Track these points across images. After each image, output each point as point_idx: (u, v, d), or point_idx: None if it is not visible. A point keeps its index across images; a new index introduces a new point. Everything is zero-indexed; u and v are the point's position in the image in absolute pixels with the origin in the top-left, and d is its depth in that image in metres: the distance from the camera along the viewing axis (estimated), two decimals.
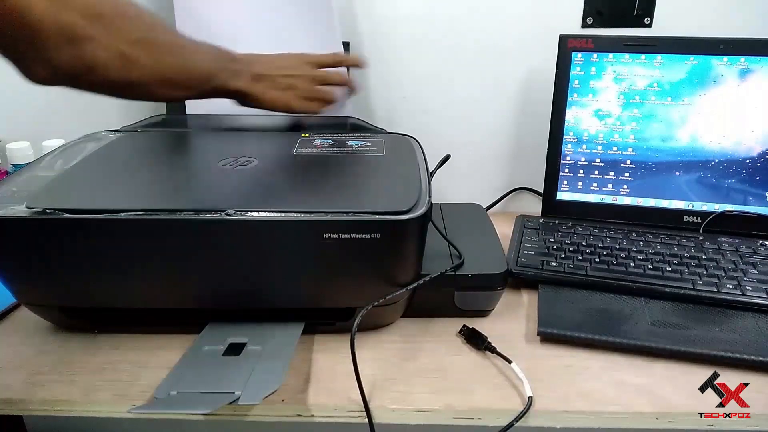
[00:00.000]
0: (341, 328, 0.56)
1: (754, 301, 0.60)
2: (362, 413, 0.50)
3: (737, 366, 0.53)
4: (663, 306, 0.61)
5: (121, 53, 0.46)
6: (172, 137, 0.70)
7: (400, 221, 0.49)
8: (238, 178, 0.56)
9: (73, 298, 0.56)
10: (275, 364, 0.51)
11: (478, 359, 0.56)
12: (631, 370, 0.54)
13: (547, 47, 0.75)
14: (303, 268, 0.52)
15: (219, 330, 0.56)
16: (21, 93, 0.85)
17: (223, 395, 0.47)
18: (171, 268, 0.52)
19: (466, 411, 0.50)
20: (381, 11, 0.80)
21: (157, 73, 0.51)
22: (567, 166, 0.76)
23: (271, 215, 0.49)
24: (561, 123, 0.75)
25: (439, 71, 0.84)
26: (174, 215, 0.49)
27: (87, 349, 0.57)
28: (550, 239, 0.71)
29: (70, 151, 0.64)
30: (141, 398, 0.50)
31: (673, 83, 0.71)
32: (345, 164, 0.62)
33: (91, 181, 0.57)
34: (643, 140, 0.73)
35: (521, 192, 0.90)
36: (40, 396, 0.51)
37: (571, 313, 0.60)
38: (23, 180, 0.57)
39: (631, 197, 0.76)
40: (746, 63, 0.69)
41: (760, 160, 0.71)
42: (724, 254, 0.67)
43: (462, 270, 0.59)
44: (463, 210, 0.75)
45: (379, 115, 0.85)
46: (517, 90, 0.84)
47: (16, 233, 0.50)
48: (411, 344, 0.58)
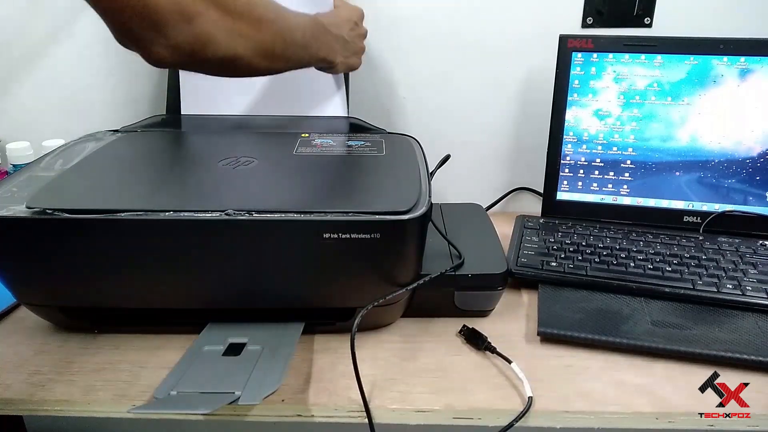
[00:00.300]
0: (341, 328, 0.56)
1: (754, 301, 0.60)
2: (362, 413, 0.50)
3: (737, 366, 0.53)
4: (663, 306, 0.61)
5: (228, 27, 0.47)
6: (172, 137, 0.70)
7: (400, 221, 0.49)
8: (238, 178, 0.56)
9: (73, 298, 0.56)
10: (275, 364, 0.51)
11: (478, 359, 0.56)
12: (631, 370, 0.54)
13: (547, 47, 0.75)
14: (303, 268, 0.52)
15: (219, 330, 0.56)
16: (21, 93, 0.86)
17: (223, 395, 0.47)
18: (171, 268, 0.52)
19: (466, 411, 0.50)
20: (381, 11, 0.80)
21: (259, 46, 0.51)
22: (567, 166, 0.76)
23: (271, 215, 0.49)
24: (561, 123, 0.75)
25: (439, 71, 0.84)
26: (174, 215, 0.49)
27: (87, 349, 0.57)
28: (550, 239, 0.71)
29: (70, 151, 0.64)
30: (141, 398, 0.50)
31: (673, 83, 0.71)
32: (345, 164, 0.62)
33: (91, 181, 0.57)
34: (643, 140, 0.73)
35: (521, 192, 0.90)
36: (40, 396, 0.51)
37: (571, 313, 0.60)
38: (23, 180, 0.57)
39: (631, 197, 0.76)
40: (746, 63, 0.69)
41: (760, 160, 0.71)
42: (724, 254, 0.67)
43: (462, 270, 0.59)
44: (463, 210, 0.75)
45: (379, 115, 0.85)
46: (517, 90, 0.84)
47: (16, 233, 0.50)
48: (411, 344, 0.58)
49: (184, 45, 0.45)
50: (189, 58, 0.46)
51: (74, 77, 0.84)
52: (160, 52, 0.45)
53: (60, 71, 0.84)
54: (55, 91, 0.86)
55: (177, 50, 0.45)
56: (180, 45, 0.45)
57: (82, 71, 0.84)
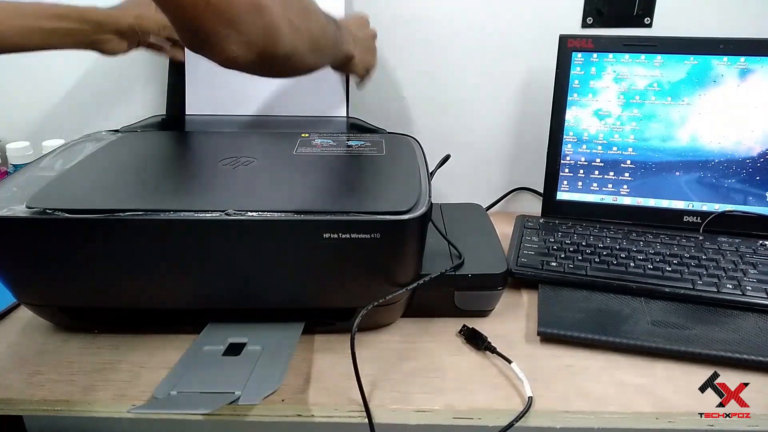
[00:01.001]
0: (341, 328, 0.56)
1: (754, 301, 0.60)
2: (362, 413, 0.49)
3: (737, 366, 0.53)
4: (663, 306, 0.61)
5: (289, 20, 0.46)
6: (172, 137, 0.70)
7: (400, 221, 0.49)
8: (238, 178, 0.56)
9: (73, 298, 0.56)
10: (275, 364, 0.51)
11: (478, 359, 0.56)
12: (631, 370, 0.54)
13: (547, 47, 0.75)
14: (303, 268, 0.52)
15: (219, 330, 0.56)
16: (21, 93, 0.86)
17: (223, 395, 0.47)
18: (171, 268, 0.52)
19: (466, 411, 0.50)
20: (381, 11, 0.80)
21: (310, 39, 0.50)
22: (567, 166, 0.76)
23: (271, 215, 0.49)
24: (561, 123, 0.75)
25: (439, 71, 0.84)
26: (174, 215, 0.49)
27: (87, 349, 0.57)
28: (550, 239, 0.71)
29: (70, 151, 0.64)
30: (141, 398, 0.50)
31: (673, 83, 0.71)
32: (345, 164, 0.62)
33: (91, 181, 0.57)
34: (643, 140, 0.73)
35: (521, 192, 0.90)
36: (40, 396, 0.51)
37: (571, 313, 0.60)
38: (23, 180, 0.57)
39: (631, 197, 0.76)
40: (746, 63, 0.69)
41: (760, 160, 0.71)
42: (724, 254, 0.67)
43: (462, 270, 0.59)
44: (463, 210, 0.75)
45: (379, 115, 0.85)
46: (517, 90, 0.84)
47: (16, 233, 0.50)
48: (411, 344, 0.58)
49: (256, 40, 0.43)
50: (259, 57, 0.45)
51: (74, 77, 0.84)
52: (234, 49, 0.43)
53: (60, 71, 0.84)
54: (55, 91, 0.86)
55: (250, 47, 0.43)
56: (252, 40, 0.43)
57: (82, 71, 0.84)
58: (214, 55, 0.44)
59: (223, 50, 0.43)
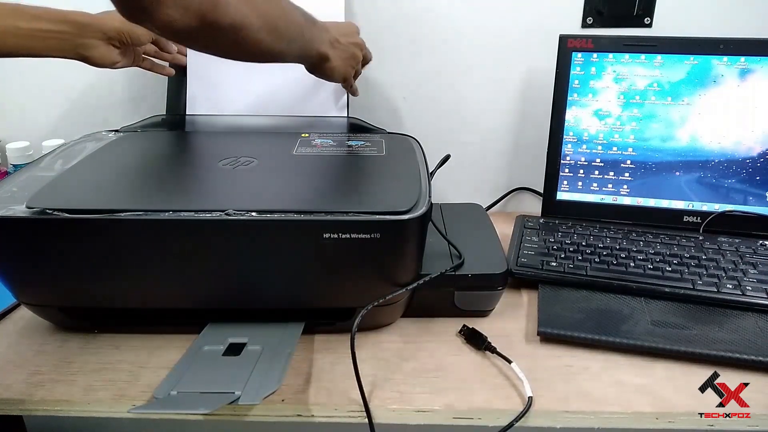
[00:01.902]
0: (341, 328, 0.56)
1: (754, 301, 0.60)
2: (362, 413, 0.50)
3: (737, 366, 0.53)
4: (663, 306, 0.61)
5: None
6: (172, 137, 0.70)
7: (400, 221, 0.49)
8: (238, 178, 0.56)
9: (73, 298, 0.56)
10: (275, 364, 0.51)
11: (478, 359, 0.56)
12: (631, 370, 0.54)
13: (547, 47, 0.75)
14: (303, 268, 0.52)
15: (219, 330, 0.56)
16: (21, 93, 0.86)
17: (223, 395, 0.47)
18: (171, 268, 0.52)
19: (466, 411, 0.50)
20: (381, 11, 0.80)
21: (265, 17, 0.49)
22: (567, 166, 0.76)
23: (271, 215, 0.49)
24: (561, 123, 0.75)
25: (439, 71, 0.84)
26: (174, 215, 0.49)
27: (87, 349, 0.57)
28: (550, 239, 0.71)
29: (70, 151, 0.64)
30: (141, 398, 0.50)
31: (673, 83, 0.71)
32: (345, 164, 0.62)
33: (91, 181, 0.57)
34: (643, 140, 0.73)
35: (521, 192, 0.90)
36: (40, 396, 0.51)
37: (571, 313, 0.60)
38: (23, 180, 0.57)
39: (631, 197, 0.76)
40: (746, 63, 0.69)
41: (760, 160, 0.71)
42: (724, 254, 0.67)
43: (462, 270, 0.59)
44: (463, 210, 0.75)
45: (379, 115, 0.85)
46: (517, 90, 0.84)
47: (16, 233, 0.50)
48: (411, 344, 0.58)
49: (194, 4, 0.42)
50: (199, 22, 0.43)
51: (74, 77, 0.84)
52: (170, 13, 0.42)
53: (60, 71, 0.84)
54: (55, 91, 0.86)
55: (187, 11, 0.42)
56: (190, 4, 0.42)
57: (81, 71, 0.84)
58: (152, 21, 0.42)
59: (159, 14, 0.41)
